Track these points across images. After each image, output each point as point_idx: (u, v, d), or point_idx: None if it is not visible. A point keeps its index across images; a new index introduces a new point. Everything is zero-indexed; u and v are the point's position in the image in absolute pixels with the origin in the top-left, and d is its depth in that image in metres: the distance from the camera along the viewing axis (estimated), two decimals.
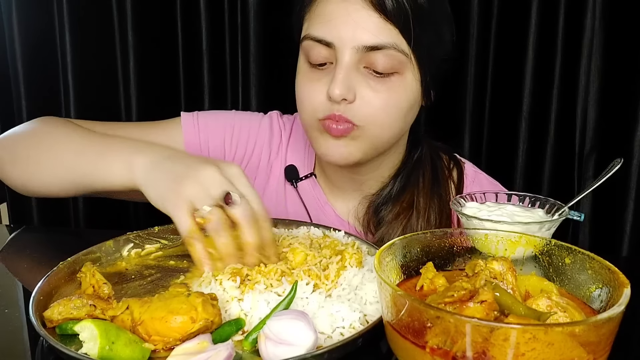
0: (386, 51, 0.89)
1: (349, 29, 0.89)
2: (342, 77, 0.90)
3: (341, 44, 0.90)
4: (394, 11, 0.88)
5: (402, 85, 0.94)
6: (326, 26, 0.91)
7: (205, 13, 1.63)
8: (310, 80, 0.96)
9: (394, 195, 1.07)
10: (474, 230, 0.70)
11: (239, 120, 1.16)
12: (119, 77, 1.72)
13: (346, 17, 0.89)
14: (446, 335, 0.47)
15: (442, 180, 1.10)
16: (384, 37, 0.89)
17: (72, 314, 0.63)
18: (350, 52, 0.90)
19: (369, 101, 0.92)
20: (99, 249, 0.81)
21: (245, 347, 0.60)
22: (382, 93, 0.92)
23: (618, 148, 1.42)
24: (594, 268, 0.58)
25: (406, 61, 0.92)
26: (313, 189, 1.13)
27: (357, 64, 0.91)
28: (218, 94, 1.71)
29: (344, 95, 0.90)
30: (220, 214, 0.73)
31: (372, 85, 0.92)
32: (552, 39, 1.44)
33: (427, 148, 1.13)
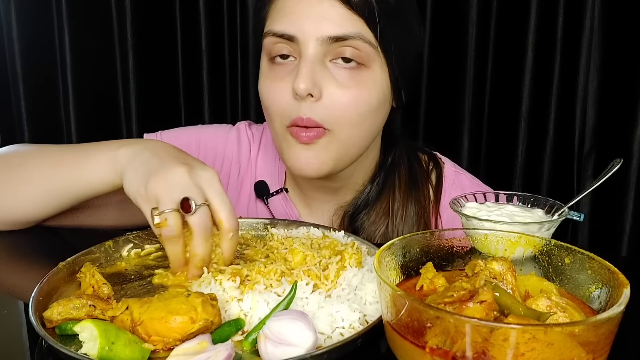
0: (352, 42, 0.86)
1: (312, 20, 0.85)
2: (307, 71, 0.85)
3: (304, 36, 0.86)
4: (359, 2, 0.85)
5: (371, 79, 0.90)
6: (288, 20, 0.87)
7: (205, 13, 1.64)
8: (273, 80, 0.91)
9: (370, 202, 1.04)
10: (474, 230, 0.70)
11: (204, 136, 1.12)
12: (118, 77, 1.72)
13: (309, 9, 0.86)
14: (446, 335, 0.47)
15: (420, 184, 1.06)
16: (349, 27, 0.85)
17: (72, 314, 0.63)
18: (315, 44, 0.86)
19: (337, 98, 0.88)
20: (99, 249, 0.81)
21: (245, 347, 0.60)
22: (351, 89, 0.88)
23: (617, 148, 1.43)
24: (594, 268, 0.58)
25: (373, 53, 0.88)
26: (285, 205, 1.09)
27: (322, 57, 0.87)
28: (217, 93, 1.71)
29: (309, 90, 0.85)
30: (175, 220, 0.70)
31: (340, 80, 0.88)
32: (552, 39, 1.45)
33: (404, 150, 1.09)
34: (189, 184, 0.72)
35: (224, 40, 1.67)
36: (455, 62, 1.55)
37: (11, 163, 0.93)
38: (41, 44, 1.72)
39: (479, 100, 1.55)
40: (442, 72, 1.57)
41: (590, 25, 1.41)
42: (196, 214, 0.70)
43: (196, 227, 0.71)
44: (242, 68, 1.65)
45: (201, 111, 1.73)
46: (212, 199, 0.72)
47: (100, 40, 1.69)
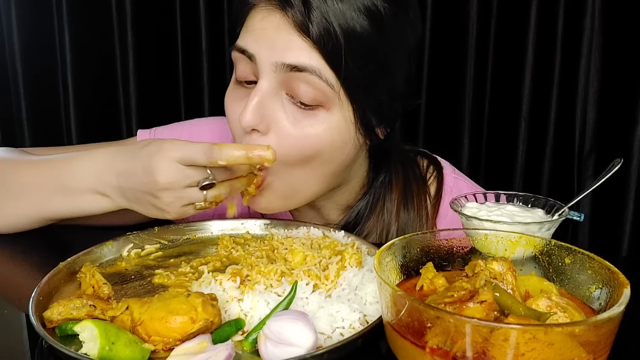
0: (308, 76, 0.79)
1: (269, 43, 0.80)
2: (256, 103, 0.80)
3: (260, 58, 0.81)
4: (320, 37, 0.77)
5: (327, 122, 0.82)
6: (250, 37, 0.83)
7: (205, 13, 1.64)
8: (233, 99, 0.88)
9: (358, 224, 0.98)
10: (474, 230, 0.70)
11: (198, 130, 1.10)
12: (118, 77, 1.72)
13: (270, 31, 0.81)
14: (446, 335, 0.47)
15: (416, 202, 1.00)
16: (305, 59, 0.78)
17: (72, 314, 0.63)
18: (269, 70, 0.80)
19: (284, 136, 0.82)
20: (99, 249, 0.81)
21: (245, 348, 0.60)
22: (303, 128, 0.82)
23: (617, 148, 1.43)
24: (594, 268, 0.58)
25: (332, 94, 0.80)
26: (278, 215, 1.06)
27: (277, 89, 0.82)
28: (217, 93, 1.71)
29: (254, 125, 0.81)
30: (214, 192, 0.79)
31: (292, 117, 0.82)
32: (552, 39, 1.45)
33: (399, 165, 1.01)
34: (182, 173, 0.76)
35: (224, 40, 1.67)
36: (455, 63, 1.55)
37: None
38: (41, 44, 1.72)
39: (479, 101, 1.55)
40: (442, 72, 1.57)
41: (590, 26, 1.41)
42: (217, 177, 0.78)
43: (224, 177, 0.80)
44: None
45: (201, 111, 1.73)
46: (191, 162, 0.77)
47: (101, 40, 1.70)
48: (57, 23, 1.69)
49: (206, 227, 0.92)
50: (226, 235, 0.88)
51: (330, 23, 0.77)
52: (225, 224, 0.92)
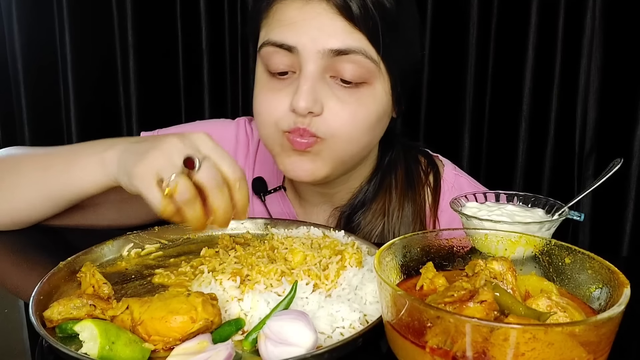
0: (353, 57, 0.84)
1: (312, 32, 0.83)
2: (308, 88, 0.84)
3: (304, 48, 0.84)
4: (361, 17, 0.82)
5: (372, 96, 0.88)
6: (287, 30, 0.85)
7: (205, 12, 1.64)
8: (270, 91, 0.89)
9: (366, 202, 1.03)
10: (474, 230, 0.70)
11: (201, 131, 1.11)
12: (119, 77, 1.72)
13: (309, 20, 0.84)
14: (446, 335, 0.47)
15: (417, 185, 1.05)
16: (350, 41, 0.83)
17: (72, 313, 0.63)
18: (315, 58, 0.84)
19: (336, 114, 0.86)
20: (99, 249, 0.81)
21: (245, 347, 0.60)
22: (350, 105, 0.87)
23: (618, 148, 1.42)
24: (594, 268, 0.58)
25: (375, 70, 0.86)
26: (282, 203, 1.09)
27: (322, 73, 0.85)
28: (218, 93, 1.71)
29: (310, 108, 0.84)
30: (185, 181, 0.69)
31: (340, 96, 0.86)
32: (552, 39, 1.45)
33: (401, 151, 1.07)
34: (183, 146, 0.71)
35: (224, 39, 1.67)
36: (456, 62, 1.55)
37: (2, 168, 0.93)
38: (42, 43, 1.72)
39: (479, 100, 1.55)
40: (443, 72, 1.57)
41: (591, 25, 1.41)
42: (202, 168, 0.70)
43: (207, 181, 0.70)
44: (242, 68, 1.65)
45: (202, 111, 1.73)
46: (210, 154, 0.72)
47: (101, 40, 1.70)
48: (58, 22, 1.69)
49: None
50: (226, 235, 0.88)
51: (366, 3, 0.82)
52: None
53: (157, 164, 0.70)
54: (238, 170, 0.72)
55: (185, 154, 0.70)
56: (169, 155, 0.70)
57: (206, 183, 0.70)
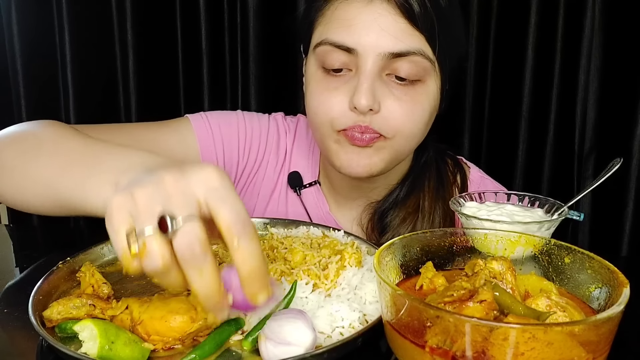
0: (411, 57, 0.85)
1: (373, 34, 0.84)
2: (368, 86, 0.85)
3: (364, 50, 0.85)
4: (421, 16, 0.83)
5: (426, 93, 0.90)
6: (347, 31, 0.86)
7: (205, 13, 1.63)
8: (327, 89, 0.90)
9: (400, 200, 1.04)
10: (474, 229, 0.70)
11: (249, 123, 1.10)
12: (119, 76, 1.72)
13: (371, 22, 0.84)
14: (446, 334, 0.47)
15: (447, 184, 1.08)
16: (410, 42, 0.84)
17: (72, 313, 0.63)
18: (375, 59, 0.85)
19: (394, 111, 0.88)
20: (99, 249, 0.81)
21: (245, 347, 0.60)
22: (407, 103, 0.88)
23: (618, 147, 1.42)
24: (594, 268, 0.58)
25: (430, 69, 0.88)
26: (317, 198, 1.10)
27: (380, 71, 0.87)
28: (217, 93, 1.71)
29: (370, 106, 0.86)
30: (158, 245, 0.49)
31: (396, 94, 0.88)
32: (552, 39, 1.44)
33: (433, 151, 1.10)
34: (172, 191, 0.51)
35: (224, 39, 1.67)
36: None
37: (28, 155, 0.78)
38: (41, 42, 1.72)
39: (479, 100, 1.55)
40: None
41: (590, 25, 1.40)
42: (177, 234, 0.49)
43: (180, 253, 0.49)
44: (242, 68, 1.65)
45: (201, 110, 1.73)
46: (208, 200, 0.51)
47: (101, 39, 1.69)
48: (57, 22, 1.69)
49: None
50: None
51: (425, 4, 0.83)
52: None
53: (132, 208, 0.51)
54: (239, 223, 0.50)
55: (166, 205, 0.50)
56: (150, 200, 0.51)
57: (178, 255, 0.50)
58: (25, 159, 0.78)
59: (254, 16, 1.56)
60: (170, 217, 0.49)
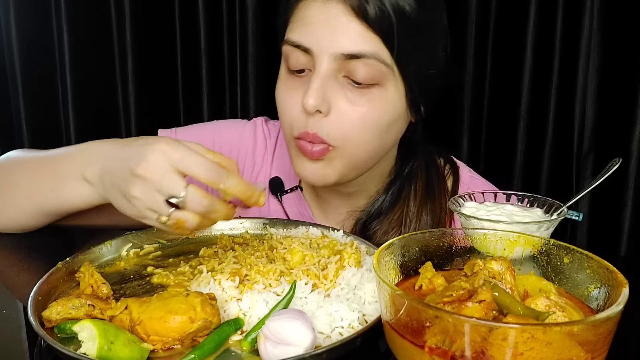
0: (366, 60, 0.84)
1: (327, 34, 0.84)
2: (317, 87, 0.85)
3: (319, 50, 0.85)
4: (377, 19, 0.82)
5: (383, 98, 0.88)
6: (305, 31, 0.86)
7: (204, 13, 1.64)
8: (289, 89, 0.91)
9: (383, 211, 1.02)
10: (473, 230, 0.70)
11: (218, 132, 1.11)
12: (117, 77, 1.72)
13: (325, 22, 0.84)
14: (445, 334, 0.47)
15: (436, 194, 1.04)
16: (364, 45, 0.83)
17: (71, 313, 0.63)
18: (328, 60, 0.85)
19: (345, 114, 0.86)
20: (98, 249, 0.81)
21: (245, 347, 0.60)
22: (360, 106, 0.87)
23: (616, 147, 1.43)
24: (593, 267, 0.58)
25: (388, 72, 0.86)
26: (299, 203, 1.09)
27: (335, 72, 0.86)
28: (216, 93, 1.71)
29: (317, 107, 0.85)
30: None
31: (350, 97, 0.86)
32: (550, 39, 1.45)
33: (422, 158, 1.07)
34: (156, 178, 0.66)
35: (223, 40, 1.67)
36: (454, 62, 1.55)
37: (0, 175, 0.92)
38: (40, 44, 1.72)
39: (478, 100, 1.55)
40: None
41: (589, 25, 1.41)
42: (187, 204, 0.66)
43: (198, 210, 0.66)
44: (241, 68, 1.65)
45: (200, 111, 1.73)
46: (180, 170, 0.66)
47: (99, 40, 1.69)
48: (56, 23, 1.69)
49: None
50: (225, 235, 0.88)
51: (383, 4, 0.82)
52: (224, 224, 0.92)
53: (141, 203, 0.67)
54: (212, 170, 0.67)
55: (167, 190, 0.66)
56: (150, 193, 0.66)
57: (198, 211, 0.67)
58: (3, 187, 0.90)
59: (253, 16, 1.57)
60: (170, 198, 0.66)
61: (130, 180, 0.67)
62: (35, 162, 0.90)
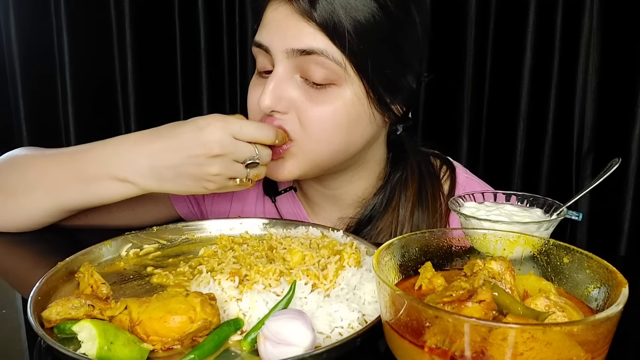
0: (317, 58, 0.86)
1: (279, 33, 0.88)
2: (272, 87, 0.88)
3: (273, 48, 0.88)
4: (324, 20, 0.84)
5: (340, 98, 0.88)
6: (263, 31, 0.91)
7: (203, 12, 1.64)
8: (254, 88, 0.95)
9: (372, 218, 1.02)
10: (473, 230, 0.70)
11: None
12: (117, 77, 1.72)
13: (278, 22, 0.88)
14: (445, 334, 0.47)
15: (430, 200, 1.03)
16: (313, 42, 0.86)
17: (71, 314, 0.63)
18: (282, 58, 0.88)
19: (303, 111, 0.89)
20: (98, 249, 0.81)
21: (244, 347, 0.60)
22: (318, 105, 0.88)
23: (616, 147, 1.43)
24: (592, 267, 0.58)
25: (341, 72, 0.87)
26: (292, 204, 1.09)
27: (291, 73, 0.89)
28: (216, 93, 1.71)
29: (272, 107, 0.88)
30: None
31: (308, 96, 0.89)
32: (550, 39, 1.45)
33: (415, 163, 1.05)
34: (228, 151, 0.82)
35: (222, 40, 1.67)
36: (454, 62, 1.55)
37: (18, 173, 0.94)
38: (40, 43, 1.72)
39: (477, 100, 1.56)
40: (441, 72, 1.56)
41: (589, 25, 1.41)
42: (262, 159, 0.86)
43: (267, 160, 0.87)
44: (240, 68, 1.65)
45: (200, 111, 1.73)
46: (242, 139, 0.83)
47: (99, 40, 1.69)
48: (56, 23, 1.69)
49: (204, 226, 0.92)
50: (225, 235, 0.88)
51: (333, 7, 0.84)
52: (223, 224, 0.93)
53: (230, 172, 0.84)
54: (267, 130, 0.86)
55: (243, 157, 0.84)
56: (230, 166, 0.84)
57: (267, 162, 0.87)
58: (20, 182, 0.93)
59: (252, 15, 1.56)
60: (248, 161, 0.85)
61: (208, 162, 0.82)
62: (53, 161, 0.92)
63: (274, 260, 0.75)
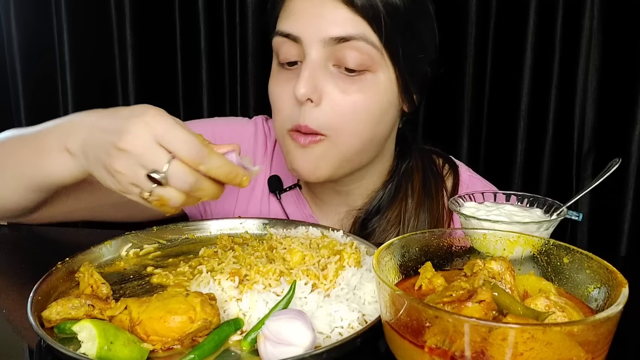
0: (355, 43, 0.85)
1: (314, 21, 0.86)
2: (308, 75, 0.86)
3: (307, 37, 0.86)
4: (363, 4, 0.84)
5: (374, 85, 0.88)
6: (292, 20, 0.88)
7: (204, 12, 1.63)
8: (280, 82, 0.92)
9: (381, 209, 1.02)
10: (473, 230, 0.70)
11: (219, 129, 1.12)
12: (117, 76, 1.72)
13: (312, 10, 0.86)
14: (445, 334, 0.47)
15: (434, 192, 1.05)
16: (351, 28, 0.85)
17: (71, 314, 0.63)
18: (317, 47, 0.86)
19: (337, 103, 0.87)
20: (98, 249, 0.81)
21: (244, 347, 0.60)
22: (352, 95, 0.87)
23: (616, 147, 1.43)
24: (592, 268, 0.58)
25: (378, 57, 0.87)
26: (297, 201, 1.09)
27: (325, 61, 0.87)
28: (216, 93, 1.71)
29: (308, 95, 0.86)
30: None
31: (341, 85, 0.87)
32: (551, 39, 1.45)
33: (419, 157, 1.07)
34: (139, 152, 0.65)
35: (223, 39, 1.67)
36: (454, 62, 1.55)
37: None
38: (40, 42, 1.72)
39: (478, 100, 1.55)
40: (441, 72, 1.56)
41: (589, 25, 1.41)
42: (170, 180, 0.65)
43: (182, 188, 0.66)
44: (241, 68, 1.65)
45: (200, 111, 1.73)
46: (163, 145, 0.65)
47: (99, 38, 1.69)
48: (56, 23, 1.69)
49: (205, 226, 0.92)
50: (225, 235, 0.88)
51: None
52: (223, 224, 0.93)
53: (123, 177, 0.67)
54: (194, 147, 0.65)
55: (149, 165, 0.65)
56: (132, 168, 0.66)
57: (182, 189, 0.66)
58: None
59: (253, 16, 1.56)
60: (152, 173, 0.65)
61: (113, 153, 0.67)
62: (22, 139, 0.88)
63: (274, 260, 0.75)
